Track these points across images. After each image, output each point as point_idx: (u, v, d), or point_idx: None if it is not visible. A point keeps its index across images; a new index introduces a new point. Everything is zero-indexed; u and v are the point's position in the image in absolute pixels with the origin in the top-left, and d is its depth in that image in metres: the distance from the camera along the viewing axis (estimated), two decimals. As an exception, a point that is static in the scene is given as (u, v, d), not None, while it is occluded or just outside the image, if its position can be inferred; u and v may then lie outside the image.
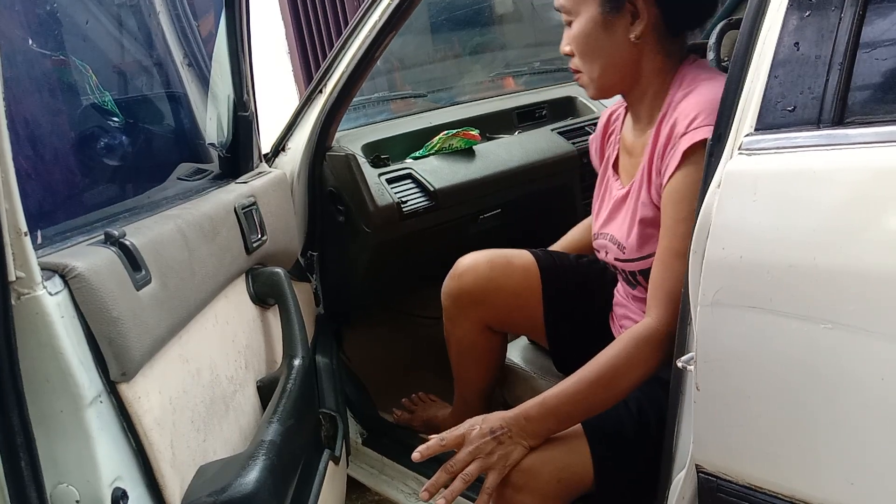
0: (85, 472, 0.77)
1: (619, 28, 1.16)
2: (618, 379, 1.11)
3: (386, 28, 1.58)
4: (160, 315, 0.90)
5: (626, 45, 1.17)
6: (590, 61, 1.21)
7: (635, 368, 1.11)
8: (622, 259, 1.26)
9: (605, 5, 1.15)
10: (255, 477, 0.95)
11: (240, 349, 1.21)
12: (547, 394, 1.15)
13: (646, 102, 1.24)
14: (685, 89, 1.15)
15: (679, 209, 1.09)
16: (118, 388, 0.81)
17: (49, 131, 1.06)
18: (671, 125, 1.12)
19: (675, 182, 1.09)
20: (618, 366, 1.11)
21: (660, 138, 1.15)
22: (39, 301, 0.73)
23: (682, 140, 1.07)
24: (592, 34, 1.18)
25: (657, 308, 1.11)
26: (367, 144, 1.92)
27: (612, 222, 1.30)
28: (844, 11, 0.79)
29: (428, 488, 1.13)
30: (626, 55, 1.18)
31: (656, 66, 1.19)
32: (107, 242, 0.86)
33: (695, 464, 0.97)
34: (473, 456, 1.12)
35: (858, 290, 0.76)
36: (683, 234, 1.05)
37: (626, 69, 1.20)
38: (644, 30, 1.15)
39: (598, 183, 1.39)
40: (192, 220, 1.08)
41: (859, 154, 0.77)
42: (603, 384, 1.12)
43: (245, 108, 1.42)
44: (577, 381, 1.13)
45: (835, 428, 0.81)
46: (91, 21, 1.22)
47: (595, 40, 1.18)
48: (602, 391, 1.12)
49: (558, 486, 1.16)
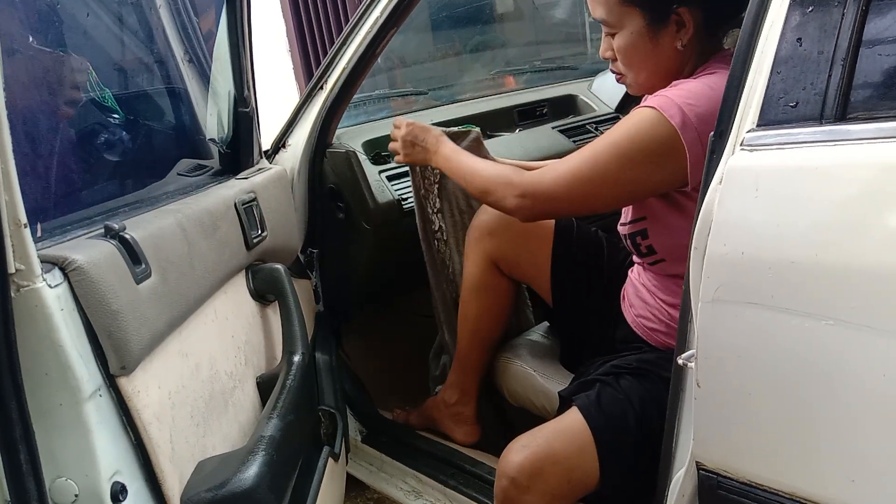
0: (84, 465, 0.77)
1: (666, 37, 1.18)
2: (491, 192, 1.31)
3: (387, 25, 1.58)
4: (160, 309, 0.89)
5: (673, 52, 1.19)
6: (637, 70, 1.24)
7: (502, 199, 1.28)
8: (622, 223, 1.32)
9: (649, 17, 1.18)
10: (254, 472, 0.95)
11: (239, 345, 1.21)
12: (461, 157, 1.41)
13: None
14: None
15: (598, 140, 1.19)
16: (117, 381, 0.81)
17: (49, 126, 1.06)
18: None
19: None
20: (498, 185, 1.29)
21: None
22: (39, 293, 0.72)
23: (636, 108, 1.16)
24: (640, 46, 1.20)
25: (534, 179, 1.24)
26: (367, 141, 1.91)
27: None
28: (847, 7, 0.79)
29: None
30: (673, 62, 1.21)
31: (698, 64, 1.22)
32: (107, 236, 0.85)
33: (695, 461, 0.97)
34: (403, 140, 1.51)
35: (860, 286, 0.76)
36: (592, 146, 1.18)
37: (672, 73, 1.22)
38: (690, 38, 1.17)
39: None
40: (192, 214, 1.08)
41: (861, 150, 0.77)
42: (484, 187, 1.33)
43: (245, 104, 1.42)
44: (473, 172, 1.36)
45: (835, 425, 0.81)
46: (91, 17, 1.22)
47: (642, 52, 1.21)
48: (478, 189, 1.35)
49: (566, 487, 1.16)
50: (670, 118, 1.09)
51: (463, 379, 1.67)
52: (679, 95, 1.11)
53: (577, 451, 1.16)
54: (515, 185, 1.25)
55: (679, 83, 1.16)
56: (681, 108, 1.09)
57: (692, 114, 1.09)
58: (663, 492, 1.05)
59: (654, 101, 1.12)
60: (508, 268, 1.57)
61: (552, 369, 1.55)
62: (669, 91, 1.13)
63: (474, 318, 1.61)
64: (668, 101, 1.11)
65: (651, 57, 1.21)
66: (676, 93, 1.12)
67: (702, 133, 1.08)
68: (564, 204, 1.23)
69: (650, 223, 1.23)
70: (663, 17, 1.17)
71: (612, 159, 1.14)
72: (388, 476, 1.72)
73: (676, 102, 1.10)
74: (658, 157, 1.12)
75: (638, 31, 1.19)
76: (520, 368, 1.59)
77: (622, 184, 1.16)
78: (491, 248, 1.55)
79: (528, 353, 1.62)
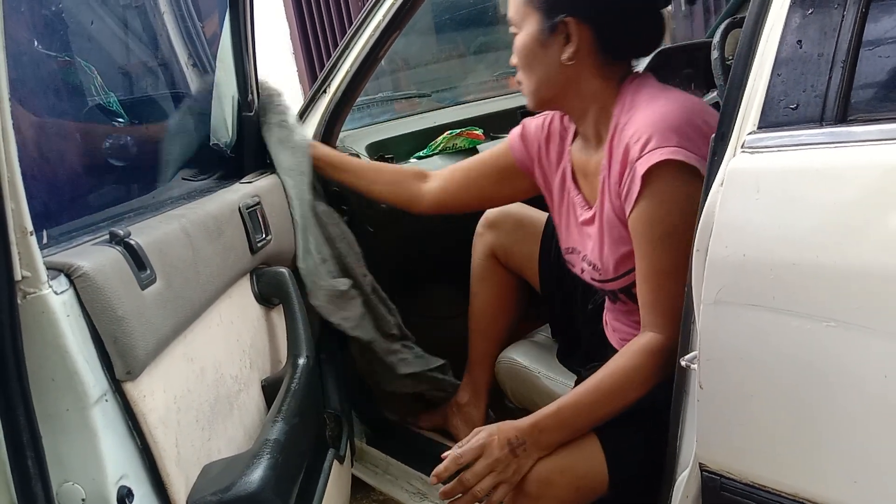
0: (90, 470, 0.77)
1: (554, 48, 1.18)
2: (628, 392, 1.13)
3: (390, 28, 1.58)
4: (165, 314, 0.90)
5: (559, 64, 1.18)
6: (527, 75, 1.24)
7: (646, 381, 1.12)
8: (599, 280, 1.28)
9: (543, 23, 1.17)
10: (259, 475, 0.95)
11: (244, 348, 1.22)
12: (561, 405, 1.15)
13: (589, 122, 1.24)
14: (629, 111, 1.15)
15: (653, 231, 1.10)
16: (123, 386, 0.82)
17: (55, 132, 1.07)
18: (623, 150, 1.12)
19: (640, 208, 1.10)
20: (630, 378, 1.12)
21: (613, 162, 1.16)
22: (45, 300, 0.73)
23: (637, 165, 1.08)
24: (531, 50, 1.20)
25: (656, 327, 1.13)
26: (371, 144, 1.92)
27: (582, 242, 1.31)
28: (847, 9, 0.79)
29: (437, 474, 1.13)
30: (560, 74, 1.20)
31: (594, 87, 1.20)
32: (112, 242, 0.86)
33: (698, 462, 0.97)
34: (491, 469, 1.12)
35: (861, 288, 0.76)
36: (662, 253, 1.09)
37: (561, 87, 1.21)
38: (577, 53, 1.16)
39: (556, 192, 1.38)
40: (197, 219, 1.08)
41: (862, 152, 0.77)
42: (616, 396, 1.13)
43: (250, 108, 1.43)
44: (591, 392, 1.14)
45: (838, 426, 0.81)
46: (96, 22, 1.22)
47: (533, 56, 1.21)
48: (613, 403, 1.13)
49: (576, 495, 1.16)
50: (696, 164, 1.05)
51: (474, 376, 1.71)
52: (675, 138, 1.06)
53: (585, 458, 1.16)
54: (658, 348, 1.11)
55: (647, 122, 1.10)
56: (700, 158, 1.05)
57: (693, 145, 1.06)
58: (667, 493, 1.05)
59: (658, 154, 1.06)
60: (505, 258, 1.62)
61: (555, 370, 1.56)
62: (658, 138, 1.07)
63: (480, 309, 1.68)
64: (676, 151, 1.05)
65: (540, 64, 1.20)
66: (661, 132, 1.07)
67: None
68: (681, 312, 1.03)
69: None
70: (553, 26, 1.16)
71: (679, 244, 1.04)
72: (393, 478, 1.73)
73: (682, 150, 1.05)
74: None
75: (532, 35, 1.19)
76: (523, 369, 1.60)
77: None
78: (491, 240, 1.63)
79: (531, 355, 1.63)
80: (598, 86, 1.20)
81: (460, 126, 2.02)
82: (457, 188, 1.52)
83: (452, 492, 1.14)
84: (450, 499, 1.14)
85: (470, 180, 1.51)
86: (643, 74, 1.22)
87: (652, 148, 1.06)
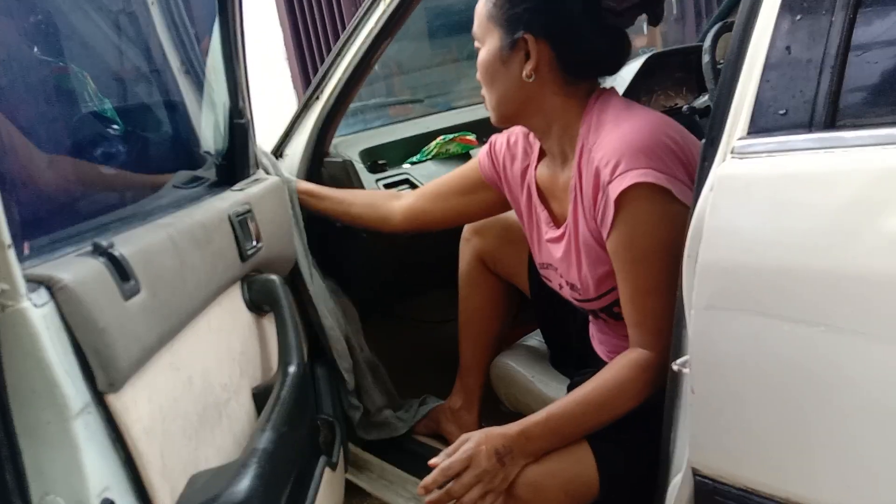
0: (72, 482, 0.76)
1: (515, 64, 1.19)
2: (617, 404, 1.14)
3: (382, 34, 1.59)
4: (149, 324, 0.89)
5: (520, 81, 1.20)
6: (489, 90, 1.26)
7: (636, 395, 1.13)
8: (580, 299, 1.29)
9: (504, 40, 1.19)
10: (246, 485, 0.94)
11: (234, 357, 1.21)
12: (550, 413, 1.15)
13: (553, 139, 1.25)
14: (596, 132, 1.16)
15: (631, 253, 1.11)
16: (106, 398, 0.81)
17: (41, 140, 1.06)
18: (594, 172, 1.13)
19: (617, 232, 1.11)
20: (619, 391, 1.13)
21: (584, 184, 1.16)
22: (24, 313, 0.72)
23: (609, 189, 1.09)
24: (492, 65, 1.22)
25: (644, 344, 1.14)
26: (364, 150, 1.92)
27: (554, 259, 1.31)
28: (835, 14, 0.79)
29: (426, 485, 1.14)
30: (521, 91, 1.21)
31: (556, 104, 1.21)
32: (95, 253, 0.85)
33: (691, 467, 0.97)
34: (479, 479, 1.12)
35: (852, 292, 0.76)
36: (643, 273, 1.11)
37: (522, 104, 1.23)
38: (537, 70, 1.18)
39: (524, 208, 1.39)
40: (185, 228, 1.07)
41: (851, 156, 0.77)
42: (604, 408, 1.14)
43: (241, 115, 1.42)
44: (580, 402, 1.15)
45: (830, 430, 0.81)
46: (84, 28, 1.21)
47: (494, 72, 1.23)
48: (602, 414, 1.15)
49: (566, 499, 1.16)
50: (686, 202, 1.04)
51: (466, 381, 1.72)
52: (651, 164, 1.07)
53: (575, 462, 1.16)
54: (649, 363, 1.12)
55: (616, 144, 1.10)
56: (671, 178, 1.07)
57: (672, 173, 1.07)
58: (660, 498, 1.05)
59: (630, 177, 1.07)
60: (493, 264, 1.63)
61: (549, 375, 1.56)
62: (628, 160, 1.08)
63: (469, 314, 1.69)
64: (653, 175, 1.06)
65: (501, 80, 1.22)
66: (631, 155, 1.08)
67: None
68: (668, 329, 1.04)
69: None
70: (513, 42, 1.18)
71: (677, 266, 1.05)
72: (388, 483, 1.73)
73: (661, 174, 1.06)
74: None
75: (494, 51, 1.21)
76: (517, 374, 1.60)
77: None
78: (478, 246, 1.64)
79: (525, 359, 1.63)
80: (559, 103, 1.21)
81: (453, 131, 2.01)
82: (427, 203, 1.55)
83: (439, 502, 1.14)
84: (433, 489, 1.14)
85: (440, 196, 1.54)
86: (607, 91, 1.23)
87: (622, 171, 1.07)
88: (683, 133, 1.14)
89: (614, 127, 1.13)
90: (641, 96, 2.14)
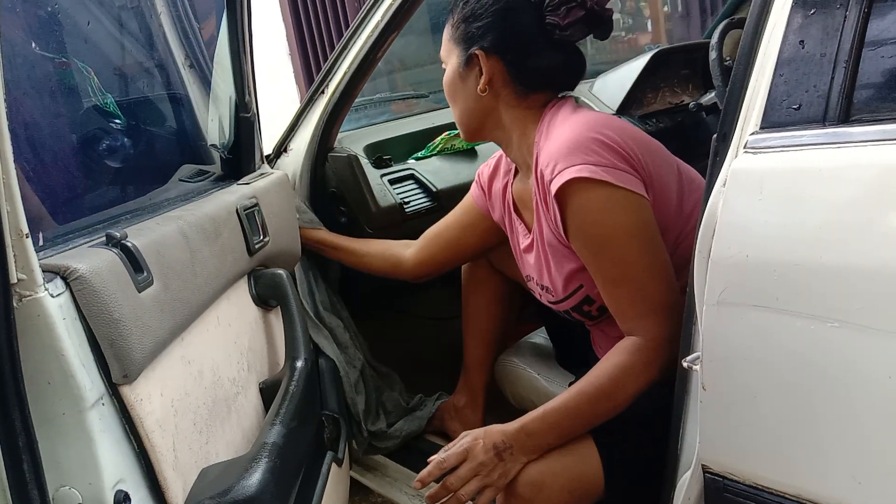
0: (87, 474, 0.76)
1: (471, 80, 1.26)
2: (616, 392, 1.13)
3: (388, 28, 1.58)
4: (162, 317, 0.89)
5: (476, 96, 1.26)
6: (453, 107, 1.33)
7: (633, 380, 1.12)
8: (553, 301, 1.32)
9: (461, 58, 1.26)
10: (257, 479, 0.94)
11: (242, 351, 1.21)
12: (547, 408, 1.16)
13: (515, 151, 1.30)
14: (546, 139, 1.20)
15: (588, 247, 1.14)
16: (120, 390, 0.81)
17: (51, 133, 1.06)
18: (541, 176, 1.16)
19: (570, 229, 1.15)
20: (615, 378, 1.12)
21: (540, 189, 1.19)
22: (41, 303, 0.72)
23: (550, 188, 1.13)
24: (452, 83, 1.29)
25: (633, 330, 1.14)
26: (369, 145, 1.92)
27: (531, 268, 1.34)
28: (849, 9, 0.79)
29: (421, 479, 1.15)
30: (478, 105, 1.27)
31: (513, 116, 1.26)
32: (108, 244, 0.85)
33: (701, 464, 0.96)
34: (476, 472, 1.12)
35: (865, 287, 0.76)
36: (605, 264, 1.13)
37: (482, 118, 1.29)
38: (490, 84, 1.24)
39: (507, 226, 1.43)
40: (194, 221, 1.07)
41: (865, 152, 0.77)
42: (602, 397, 1.13)
43: (247, 109, 1.42)
44: (577, 394, 1.14)
45: (841, 426, 0.81)
46: (92, 23, 1.21)
47: (455, 88, 1.29)
48: (601, 404, 1.14)
49: (569, 498, 1.15)
50: (632, 188, 1.10)
51: (470, 379, 1.72)
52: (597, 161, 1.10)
53: (580, 461, 1.15)
54: (642, 347, 1.12)
55: (553, 148, 1.14)
56: (607, 168, 1.10)
57: (628, 164, 1.11)
58: (669, 495, 1.05)
59: (567, 174, 1.10)
60: (500, 264, 1.63)
61: (555, 371, 1.56)
62: (563, 158, 1.11)
63: (473, 312, 1.70)
64: (604, 172, 1.09)
65: (461, 96, 1.29)
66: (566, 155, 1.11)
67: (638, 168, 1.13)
68: (673, 313, 1.07)
69: (589, 288, 1.23)
70: (468, 59, 1.24)
71: (643, 248, 1.12)
72: (392, 480, 1.72)
73: (608, 167, 1.10)
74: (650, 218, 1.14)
75: (454, 68, 1.28)
76: (523, 371, 1.60)
77: (662, 259, 1.14)
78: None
79: (530, 356, 1.63)
80: (516, 115, 1.26)
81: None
82: (433, 245, 1.58)
83: (437, 496, 1.15)
84: (435, 503, 1.15)
85: (442, 235, 1.57)
86: (562, 100, 1.26)
87: (560, 170, 1.11)
88: (623, 131, 1.16)
89: (556, 132, 1.18)
90: (647, 92, 2.14)
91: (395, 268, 1.62)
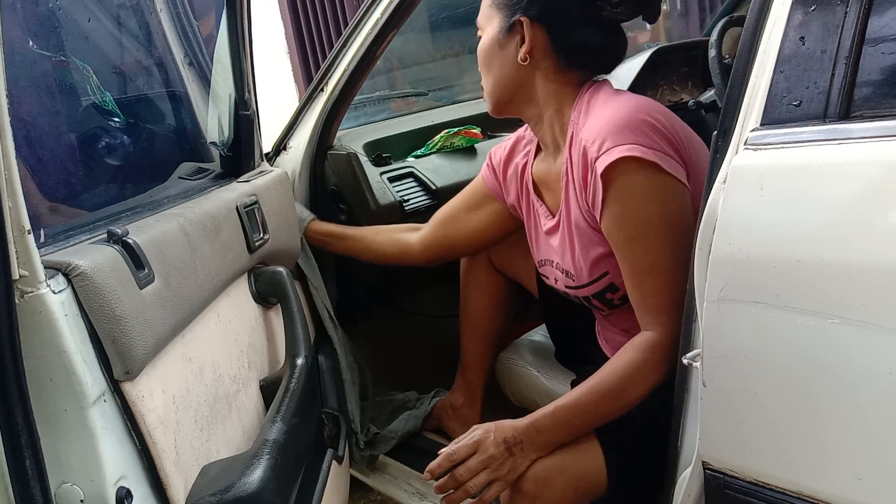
0: (89, 471, 0.76)
1: (511, 48, 1.22)
2: (628, 389, 1.12)
3: (387, 26, 1.58)
4: (163, 314, 0.89)
5: (515, 64, 1.22)
6: (486, 75, 1.28)
7: (645, 378, 1.11)
8: (573, 286, 1.29)
9: (502, 24, 1.22)
10: (259, 476, 0.94)
11: (242, 348, 1.21)
12: (557, 405, 1.15)
13: (546, 128, 1.26)
14: (585, 117, 1.17)
15: (625, 231, 1.11)
16: (122, 386, 0.81)
17: (52, 131, 1.06)
18: (581, 153, 1.13)
19: (609, 210, 1.11)
20: (627, 375, 1.11)
21: (574, 166, 1.17)
22: (43, 299, 0.72)
23: (597, 165, 1.09)
24: (490, 50, 1.25)
25: (648, 325, 1.13)
26: (368, 143, 1.92)
27: (550, 252, 1.32)
28: (850, 6, 0.79)
29: (431, 469, 1.13)
30: (516, 74, 1.23)
31: (548, 90, 1.23)
32: (110, 241, 0.85)
33: (701, 460, 0.96)
34: (485, 465, 1.12)
35: (866, 284, 0.76)
36: (639, 251, 1.10)
37: (516, 89, 1.25)
38: (531, 54, 1.20)
39: (524, 208, 1.41)
40: (195, 218, 1.07)
41: (865, 148, 0.77)
42: (614, 395, 1.12)
43: (246, 106, 1.42)
44: (588, 391, 1.13)
45: (842, 423, 0.81)
46: (91, 21, 1.21)
47: (491, 56, 1.25)
48: (612, 401, 1.13)
49: (574, 495, 1.15)
50: (678, 176, 1.08)
51: (468, 378, 1.71)
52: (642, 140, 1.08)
53: (584, 457, 1.15)
54: (657, 345, 1.10)
55: (602, 123, 1.11)
56: (658, 152, 1.07)
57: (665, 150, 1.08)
58: (669, 492, 1.05)
59: (616, 152, 1.07)
60: (500, 262, 1.62)
61: (556, 370, 1.56)
62: (613, 137, 1.08)
63: (472, 311, 1.68)
64: (647, 152, 1.07)
65: (497, 64, 1.24)
66: (616, 133, 1.09)
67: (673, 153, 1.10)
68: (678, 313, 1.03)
69: (615, 276, 1.20)
70: (511, 26, 1.20)
71: (679, 240, 1.07)
72: (392, 478, 1.72)
73: (651, 149, 1.07)
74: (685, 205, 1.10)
75: (493, 35, 1.24)
76: (523, 370, 1.60)
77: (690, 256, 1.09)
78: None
79: (530, 354, 1.63)
80: (552, 89, 1.23)
81: (458, 125, 2.01)
82: (440, 229, 1.55)
83: (445, 487, 1.14)
84: (444, 493, 1.14)
85: (451, 218, 1.54)
86: (600, 82, 1.24)
87: (608, 147, 1.08)
88: (670, 117, 1.15)
89: (601, 109, 1.15)
90: (647, 90, 2.14)
91: (403, 253, 1.60)
